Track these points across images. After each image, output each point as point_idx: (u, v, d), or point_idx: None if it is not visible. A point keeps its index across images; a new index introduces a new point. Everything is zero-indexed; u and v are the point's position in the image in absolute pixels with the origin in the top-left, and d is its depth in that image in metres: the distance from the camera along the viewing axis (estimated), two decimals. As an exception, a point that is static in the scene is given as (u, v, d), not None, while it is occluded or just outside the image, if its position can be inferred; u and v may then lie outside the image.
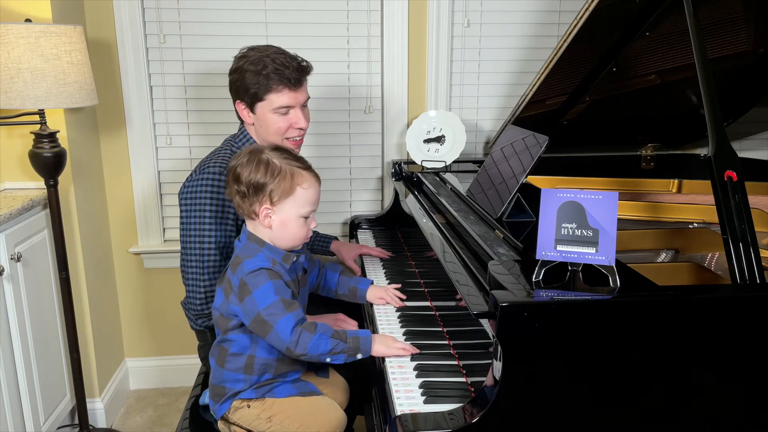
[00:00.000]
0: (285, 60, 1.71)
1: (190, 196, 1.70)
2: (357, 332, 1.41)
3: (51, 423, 2.10)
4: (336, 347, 1.36)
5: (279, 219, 1.41)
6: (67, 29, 1.85)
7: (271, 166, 1.39)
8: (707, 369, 1.13)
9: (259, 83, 1.70)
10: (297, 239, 1.45)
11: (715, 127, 1.34)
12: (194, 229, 1.70)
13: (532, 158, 1.59)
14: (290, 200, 1.40)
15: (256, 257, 1.40)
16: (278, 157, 1.42)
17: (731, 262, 1.21)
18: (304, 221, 1.44)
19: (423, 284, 1.82)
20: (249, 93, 1.72)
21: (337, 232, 2.68)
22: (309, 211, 1.44)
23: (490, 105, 2.63)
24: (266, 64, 1.69)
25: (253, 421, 1.45)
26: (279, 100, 1.72)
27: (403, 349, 1.40)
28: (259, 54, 1.71)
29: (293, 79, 1.71)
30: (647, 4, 1.73)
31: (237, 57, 1.76)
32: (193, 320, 1.77)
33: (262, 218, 1.41)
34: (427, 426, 1.10)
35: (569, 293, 1.14)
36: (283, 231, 1.42)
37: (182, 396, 2.64)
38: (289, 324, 1.35)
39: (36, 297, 2.01)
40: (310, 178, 1.43)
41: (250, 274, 1.37)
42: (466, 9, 2.52)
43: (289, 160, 1.43)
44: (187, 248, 1.72)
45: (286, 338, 1.34)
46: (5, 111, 1.96)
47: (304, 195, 1.41)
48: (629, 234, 1.69)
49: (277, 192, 1.39)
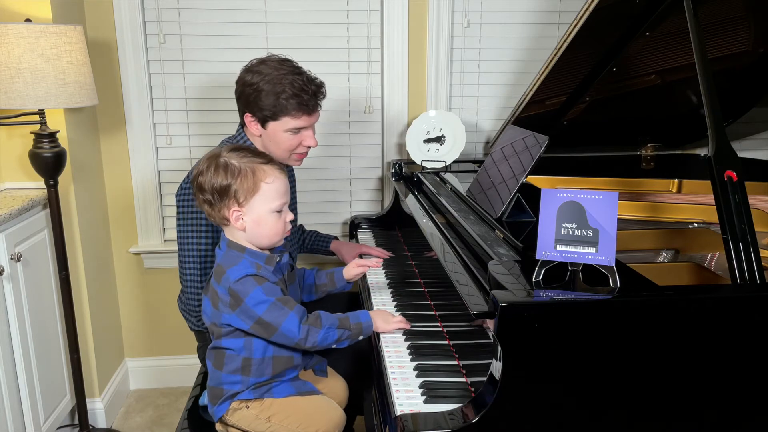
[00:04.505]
0: (303, 84, 1.68)
1: (187, 196, 1.70)
2: (358, 317, 1.45)
3: (51, 423, 2.10)
4: (342, 335, 1.41)
5: (251, 219, 1.39)
6: (67, 29, 1.85)
7: (230, 167, 1.37)
8: (707, 369, 1.13)
9: (276, 105, 1.67)
10: (275, 235, 1.42)
11: (715, 127, 1.34)
12: (191, 231, 1.70)
13: (532, 158, 1.59)
14: (257, 197, 1.38)
15: (240, 264, 1.38)
16: (236, 157, 1.39)
17: (731, 262, 1.21)
18: (278, 216, 1.41)
19: (423, 284, 1.82)
20: (263, 112, 1.69)
21: (337, 232, 2.68)
22: (280, 204, 1.40)
23: (490, 105, 2.63)
24: (285, 88, 1.66)
25: (252, 422, 1.44)
26: (294, 123, 1.71)
27: (401, 321, 1.49)
28: (275, 72, 1.67)
29: (313, 104, 1.71)
30: (647, 4, 1.73)
31: (250, 70, 1.71)
32: (193, 321, 1.77)
33: (234, 221, 1.39)
34: (427, 426, 1.10)
35: (569, 293, 1.14)
36: (259, 230, 1.40)
37: (182, 396, 2.64)
38: (294, 322, 1.36)
39: (36, 297, 2.01)
40: (272, 171, 1.39)
41: (236, 282, 1.36)
42: (466, 9, 2.52)
43: (248, 157, 1.40)
44: (185, 250, 1.72)
45: (295, 336, 1.37)
46: (5, 111, 1.96)
47: (269, 189, 1.38)
48: (629, 234, 1.69)
49: (241, 192, 1.36)
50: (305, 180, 2.54)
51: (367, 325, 1.44)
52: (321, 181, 2.64)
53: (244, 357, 1.43)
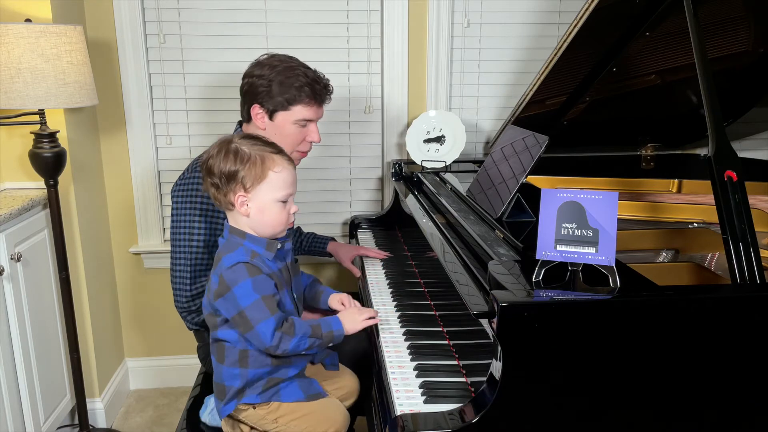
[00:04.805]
0: (315, 76, 1.75)
1: (182, 193, 1.71)
2: (330, 325, 1.43)
3: (51, 423, 2.10)
4: (313, 344, 1.40)
5: (255, 206, 1.40)
6: (67, 29, 1.85)
7: (240, 153, 1.38)
8: (708, 369, 1.13)
9: (289, 93, 1.71)
10: (277, 225, 1.43)
11: (715, 127, 1.34)
12: (184, 227, 1.70)
13: (532, 158, 1.59)
14: (264, 185, 1.39)
15: (236, 252, 1.40)
16: (247, 144, 1.41)
17: (731, 262, 1.21)
18: (283, 206, 1.42)
19: (423, 284, 1.82)
20: (274, 101, 1.72)
21: (337, 232, 2.68)
22: (286, 194, 1.41)
23: (490, 105, 2.63)
24: (298, 77, 1.71)
25: (259, 420, 1.46)
26: (304, 113, 1.74)
27: (369, 318, 1.47)
28: (285, 65, 1.72)
29: (323, 96, 1.77)
30: (647, 4, 1.73)
31: (259, 63, 1.75)
32: (189, 320, 1.76)
33: (238, 206, 1.40)
34: (427, 426, 1.10)
35: (569, 293, 1.14)
36: (262, 217, 1.41)
37: (182, 396, 2.64)
38: (269, 327, 1.35)
39: (36, 297, 2.01)
40: (281, 161, 1.41)
41: (228, 269, 1.37)
42: (466, 9, 2.52)
43: (259, 145, 1.41)
44: (176, 245, 1.71)
45: (267, 341, 1.36)
46: (5, 111, 1.96)
47: (277, 178, 1.39)
48: (629, 234, 1.69)
49: (249, 178, 1.38)
50: (305, 180, 2.54)
51: (338, 334, 1.43)
52: (321, 181, 2.64)
53: (241, 349, 1.42)
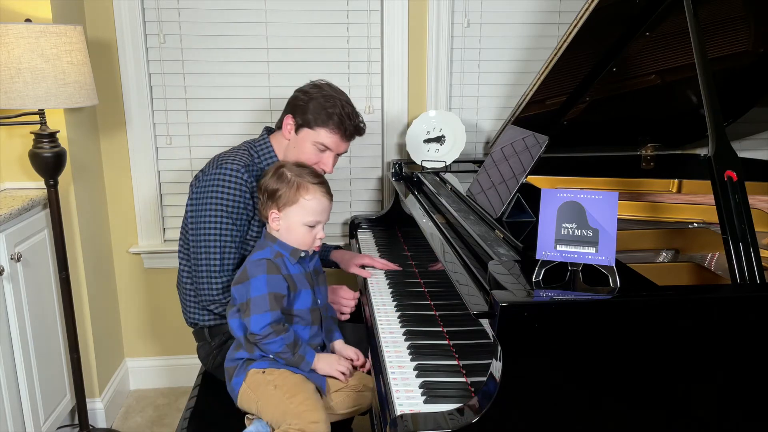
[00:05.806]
0: (351, 112, 1.83)
1: (208, 188, 1.73)
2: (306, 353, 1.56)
3: (51, 423, 2.10)
4: (283, 353, 1.53)
5: (285, 224, 1.59)
6: (67, 29, 1.85)
7: (283, 176, 1.59)
8: (707, 369, 1.13)
9: (319, 115, 1.79)
10: (301, 244, 1.60)
11: (715, 127, 1.34)
12: (211, 221, 1.72)
13: (532, 158, 1.59)
14: (294, 208, 1.58)
15: (264, 250, 1.60)
16: (293, 170, 1.61)
17: (731, 262, 1.21)
18: (309, 230, 1.59)
19: (423, 284, 1.82)
20: (305, 117, 1.80)
21: (337, 232, 2.68)
22: (313, 221, 1.59)
23: (490, 105, 2.63)
24: (335, 105, 1.80)
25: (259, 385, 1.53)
26: (324, 138, 1.81)
27: (344, 372, 1.58)
28: (334, 93, 1.83)
29: (349, 132, 1.83)
30: (647, 4, 1.73)
31: (316, 84, 1.86)
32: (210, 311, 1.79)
33: (270, 221, 1.60)
34: (427, 426, 1.10)
35: (569, 293, 1.14)
36: (288, 235, 1.60)
37: (182, 396, 2.64)
38: (263, 321, 1.50)
39: (36, 297, 2.01)
40: (316, 191, 1.58)
41: (253, 262, 1.57)
42: (466, 9, 2.52)
43: (303, 174, 1.60)
44: (203, 239, 1.72)
45: (256, 330, 1.50)
46: (5, 111, 1.96)
47: (307, 205, 1.57)
48: (629, 234, 1.69)
49: (283, 199, 1.58)
50: (305, 180, 2.54)
51: (305, 364, 1.55)
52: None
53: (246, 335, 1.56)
